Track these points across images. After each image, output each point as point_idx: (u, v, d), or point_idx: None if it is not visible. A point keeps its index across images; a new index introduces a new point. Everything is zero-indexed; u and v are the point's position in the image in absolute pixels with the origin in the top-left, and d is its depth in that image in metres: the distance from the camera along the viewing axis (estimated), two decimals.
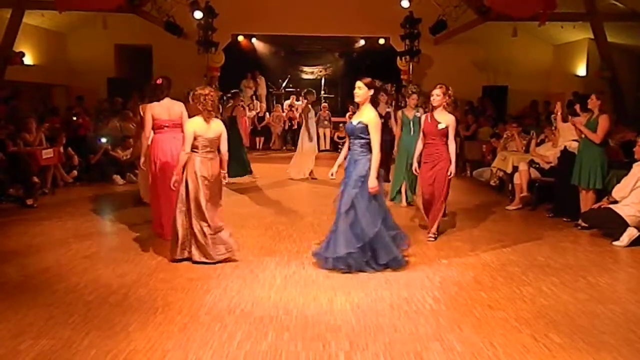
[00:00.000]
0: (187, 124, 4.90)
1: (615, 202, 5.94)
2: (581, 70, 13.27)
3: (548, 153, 7.71)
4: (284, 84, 17.06)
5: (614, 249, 5.65)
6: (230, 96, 10.26)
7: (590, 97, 6.49)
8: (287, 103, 16.24)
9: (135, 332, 3.46)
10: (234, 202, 7.74)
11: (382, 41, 14.82)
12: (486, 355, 3.24)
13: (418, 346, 3.33)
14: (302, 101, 14.39)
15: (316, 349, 3.29)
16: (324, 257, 4.73)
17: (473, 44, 13.77)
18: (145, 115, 5.63)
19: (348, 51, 17.06)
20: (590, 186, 6.36)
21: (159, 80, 5.75)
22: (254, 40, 15.88)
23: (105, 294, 4.10)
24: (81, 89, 13.57)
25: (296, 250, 5.37)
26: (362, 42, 15.95)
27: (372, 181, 4.59)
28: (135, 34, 13.73)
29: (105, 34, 13.91)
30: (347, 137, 4.92)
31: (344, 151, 4.97)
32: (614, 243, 5.73)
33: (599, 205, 6.13)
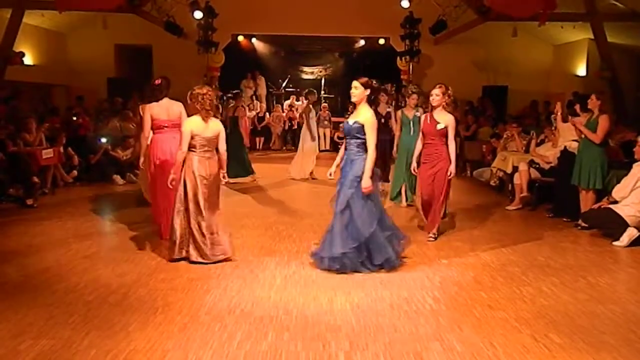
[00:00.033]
0: (185, 123, 4.92)
1: (615, 202, 5.94)
2: (581, 70, 13.26)
3: (548, 153, 7.70)
4: (284, 84, 17.05)
5: (614, 249, 5.65)
6: (232, 97, 10.25)
7: (590, 97, 6.49)
8: (287, 103, 16.23)
9: (135, 332, 3.46)
10: (234, 202, 7.74)
11: (382, 41, 14.81)
12: (486, 355, 3.24)
13: (418, 346, 3.33)
14: (302, 101, 14.41)
15: (316, 349, 3.29)
16: (319, 257, 4.73)
17: (473, 44, 13.76)
18: (144, 116, 5.65)
19: (348, 51, 17.05)
20: (590, 186, 6.36)
21: (158, 81, 5.76)
22: (254, 40, 15.88)
23: (105, 294, 4.10)
24: (81, 89, 13.57)
25: (296, 250, 5.37)
26: (362, 42, 15.94)
27: (366, 181, 4.56)
28: (135, 34, 13.72)
29: (105, 34, 13.90)
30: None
31: (341, 151, 4.95)
32: (614, 243, 5.73)
33: (599, 205, 6.13)
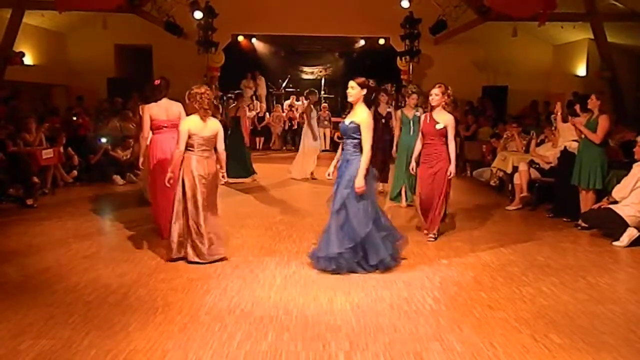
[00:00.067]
0: (182, 122, 4.92)
1: (615, 202, 5.94)
2: (581, 70, 13.26)
3: (548, 153, 7.70)
4: (284, 84, 17.05)
5: (614, 249, 5.65)
6: (233, 97, 10.23)
7: (590, 97, 6.49)
8: (287, 103, 16.23)
9: (135, 332, 3.46)
10: (235, 202, 7.75)
11: (382, 41, 14.81)
12: (486, 356, 3.24)
13: (418, 346, 3.33)
14: (302, 101, 14.41)
15: (316, 349, 3.29)
16: (316, 257, 4.73)
17: (473, 44, 13.77)
18: (144, 116, 5.66)
19: (348, 51, 17.05)
20: (590, 186, 6.36)
21: (157, 81, 5.77)
22: (254, 40, 15.87)
23: (105, 294, 4.10)
24: (81, 89, 13.58)
25: (296, 250, 5.37)
26: (362, 42, 15.94)
27: (359, 181, 4.54)
28: (135, 34, 13.72)
29: (105, 34, 13.90)
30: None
31: (339, 151, 4.94)
32: (614, 243, 5.73)
33: (599, 205, 6.13)
